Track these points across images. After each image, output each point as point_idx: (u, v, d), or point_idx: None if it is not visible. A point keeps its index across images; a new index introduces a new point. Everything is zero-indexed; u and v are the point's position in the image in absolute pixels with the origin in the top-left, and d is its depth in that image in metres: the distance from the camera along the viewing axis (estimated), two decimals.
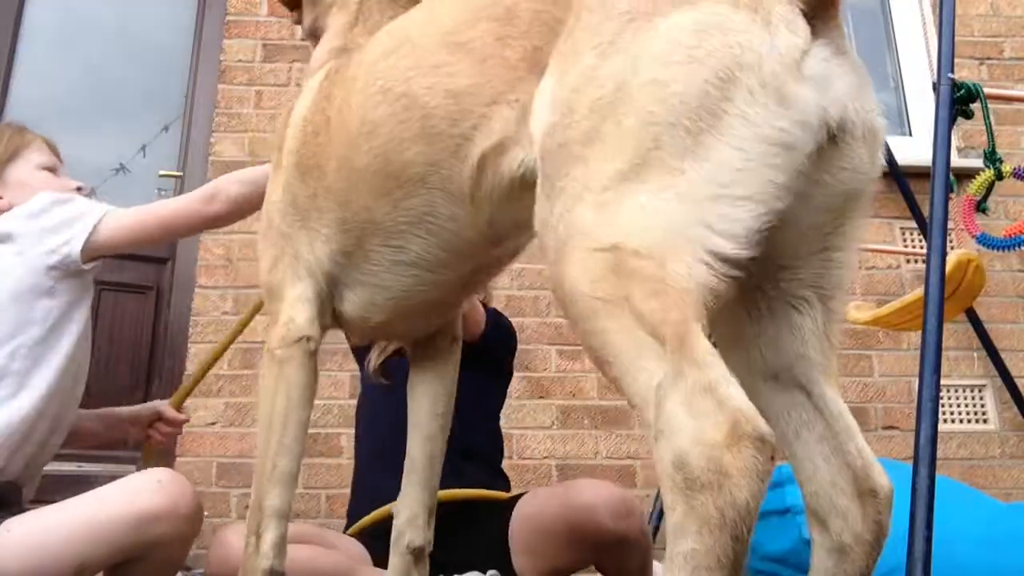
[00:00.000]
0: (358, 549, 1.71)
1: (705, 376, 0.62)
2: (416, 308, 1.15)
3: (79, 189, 1.63)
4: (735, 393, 0.62)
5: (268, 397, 1.15)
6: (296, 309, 1.14)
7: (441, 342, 1.35)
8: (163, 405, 1.71)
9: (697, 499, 0.59)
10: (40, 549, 1.24)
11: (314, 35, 1.42)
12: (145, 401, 3.04)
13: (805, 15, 0.73)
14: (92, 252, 1.47)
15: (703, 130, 0.69)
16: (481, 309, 1.81)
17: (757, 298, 0.83)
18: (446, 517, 1.34)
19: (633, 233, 0.68)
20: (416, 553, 1.28)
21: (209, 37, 3.38)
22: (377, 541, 1.68)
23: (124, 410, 1.74)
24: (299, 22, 1.47)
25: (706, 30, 0.72)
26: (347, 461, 2.80)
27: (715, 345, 0.69)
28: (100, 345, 3.09)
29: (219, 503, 2.74)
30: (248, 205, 1.53)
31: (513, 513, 1.68)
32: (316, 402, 3.15)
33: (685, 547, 0.59)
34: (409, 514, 1.29)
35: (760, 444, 0.60)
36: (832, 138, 0.74)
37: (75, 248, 1.44)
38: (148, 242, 1.59)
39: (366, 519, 1.76)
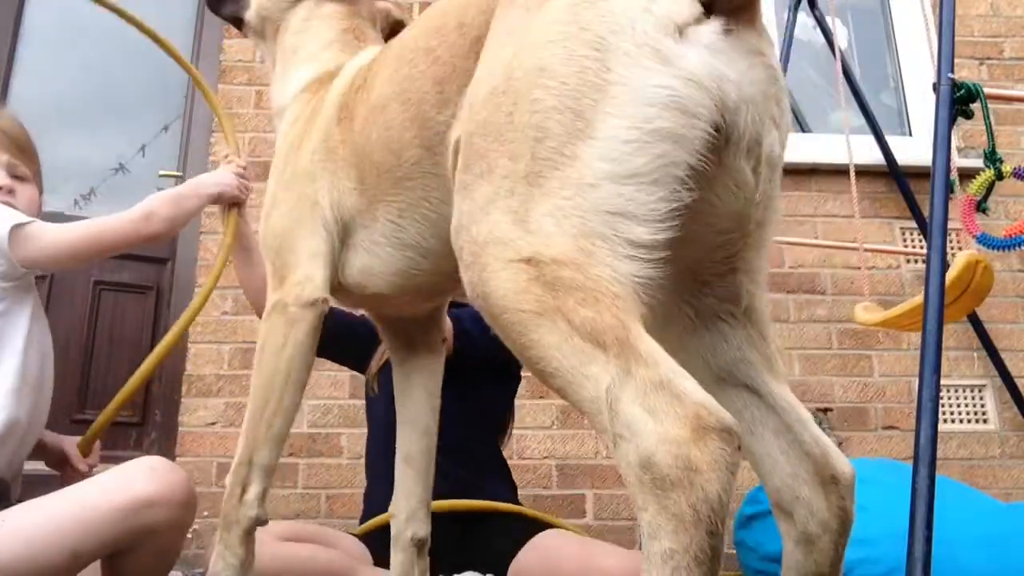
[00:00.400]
0: (359, 548, 1.71)
1: (655, 373, 0.61)
2: (410, 288, 1.14)
3: None
4: (691, 387, 0.60)
5: (273, 356, 1.12)
6: (314, 266, 1.11)
7: (432, 340, 1.35)
8: (70, 447, 1.60)
9: (669, 498, 0.57)
10: (33, 539, 1.23)
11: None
12: (145, 402, 3.05)
13: (705, 6, 0.70)
14: (32, 264, 1.46)
15: (589, 107, 0.67)
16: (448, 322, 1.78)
17: (687, 311, 0.84)
18: (460, 523, 1.34)
19: (547, 241, 0.66)
20: (419, 545, 1.29)
21: (209, 37, 3.38)
22: (377, 542, 1.69)
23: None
24: None
25: (580, 3, 0.70)
26: (347, 461, 2.80)
27: None
28: (100, 345, 3.10)
29: (219, 503, 2.72)
30: (178, 223, 1.61)
31: (527, 551, 1.66)
32: (316, 402, 3.16)
33: (662, 547, 0.58)
34: (409, 510, 1.29)
35: (727, 435, 0.59)
36: (720, 143, 0.69)
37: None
38: (84, 262, 1.60)
39: (372, 522, 1.77)
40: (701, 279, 0.82)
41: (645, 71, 0.66)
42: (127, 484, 1.29)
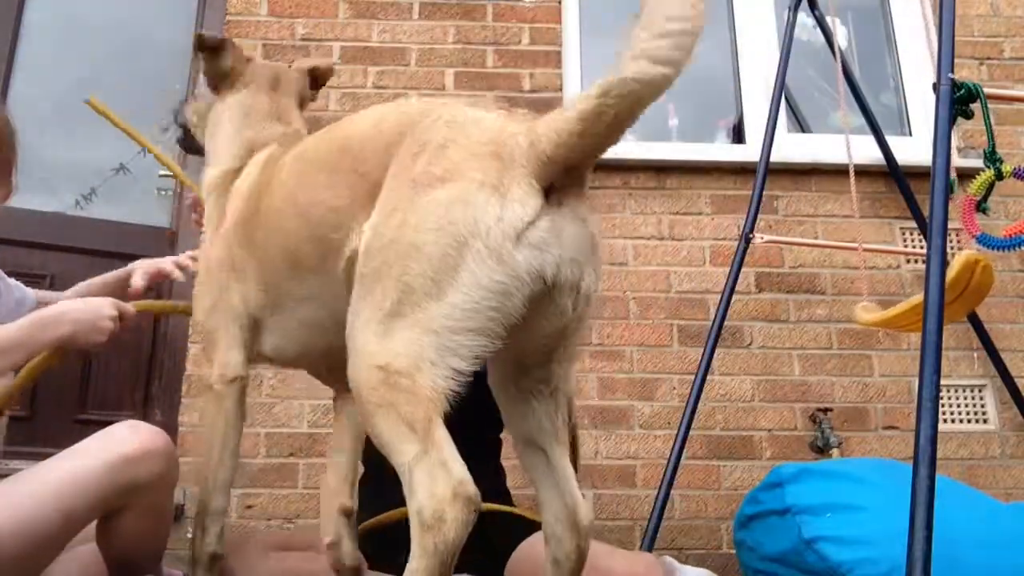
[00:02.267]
0: None
1: (441, 455, 0.92)
2: (316, 356, 1.45)
3: None
4: (458, 468, 0.91)
5: (210, 424, 1.44)
6: (231, 354, 1.43)
7: None
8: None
9: (425, 536, 0.89)
10: (23, 505, 1.26)
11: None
12: (146, 401, 3.06)
13: (546, 189, 1.00)
14: None
15: (442, 279, 0.97)
16: None
17: (512, 388, 1.16)
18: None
19: (396, 357, 0.97)
20: (347, 514, 1.50)
21: None
22: (372, 544, 1.69)
23: None
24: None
25: (454, 204, 0.99)
26: None
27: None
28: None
29: None
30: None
31: (521, 551, 1.65)
32: (316, 402, 3.15)
33: (411, 567, 0.90)
34: (336, 485, 1.52)
35: (468, 502, 0.89)
36: (548, 288, 1.00)
37: None
38: None
39: (364, 525, 1.77)
40: (525, 366, 1.14)
41: (486, 267, 0.97)
42: (109, 443, 1.35)
